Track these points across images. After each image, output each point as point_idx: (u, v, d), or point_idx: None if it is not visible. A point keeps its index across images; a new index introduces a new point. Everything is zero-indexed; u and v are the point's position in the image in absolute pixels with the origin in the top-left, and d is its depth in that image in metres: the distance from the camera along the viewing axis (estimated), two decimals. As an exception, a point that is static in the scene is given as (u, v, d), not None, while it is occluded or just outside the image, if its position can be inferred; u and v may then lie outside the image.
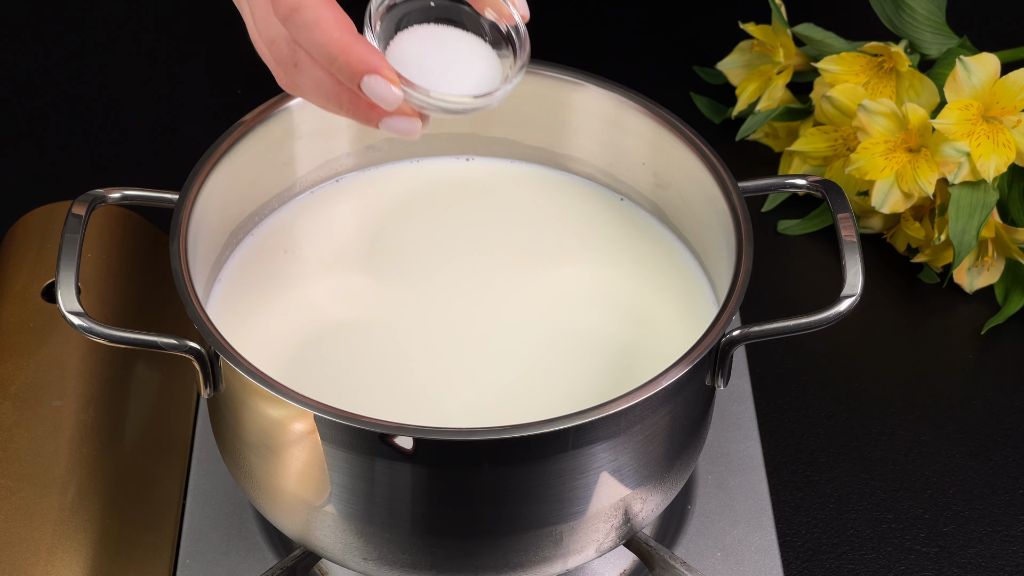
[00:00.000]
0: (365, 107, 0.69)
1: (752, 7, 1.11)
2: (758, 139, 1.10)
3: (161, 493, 0.86)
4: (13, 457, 0.84)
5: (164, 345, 0.73)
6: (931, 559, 0.87)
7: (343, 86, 0.69)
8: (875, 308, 1.00)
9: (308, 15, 0.67)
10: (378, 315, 0.81)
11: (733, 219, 0.77)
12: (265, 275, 0.83)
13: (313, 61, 0.69)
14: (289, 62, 0.69)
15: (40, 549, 0.81)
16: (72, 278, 0.74)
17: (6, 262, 0.94)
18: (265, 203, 0.85)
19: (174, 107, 1.13)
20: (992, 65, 0.96)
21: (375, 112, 0.69)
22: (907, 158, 0.98)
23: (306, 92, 0.70)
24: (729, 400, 0.92)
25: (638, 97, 0.83)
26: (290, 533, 0.77)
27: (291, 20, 0.67)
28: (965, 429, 0.94)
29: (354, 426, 0.69)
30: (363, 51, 0.67)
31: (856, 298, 0.74)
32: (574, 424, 0.69)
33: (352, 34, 0.67)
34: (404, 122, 0.69)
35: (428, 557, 0.74)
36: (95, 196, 0.77)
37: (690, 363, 0.71)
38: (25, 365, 0.88)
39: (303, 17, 0.67)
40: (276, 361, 0.78)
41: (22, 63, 1.16)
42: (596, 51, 1.18)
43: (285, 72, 0.70)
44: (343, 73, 0.67)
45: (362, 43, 0.67)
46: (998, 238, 0.98)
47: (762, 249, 1.03)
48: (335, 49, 0.67)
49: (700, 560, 0.84)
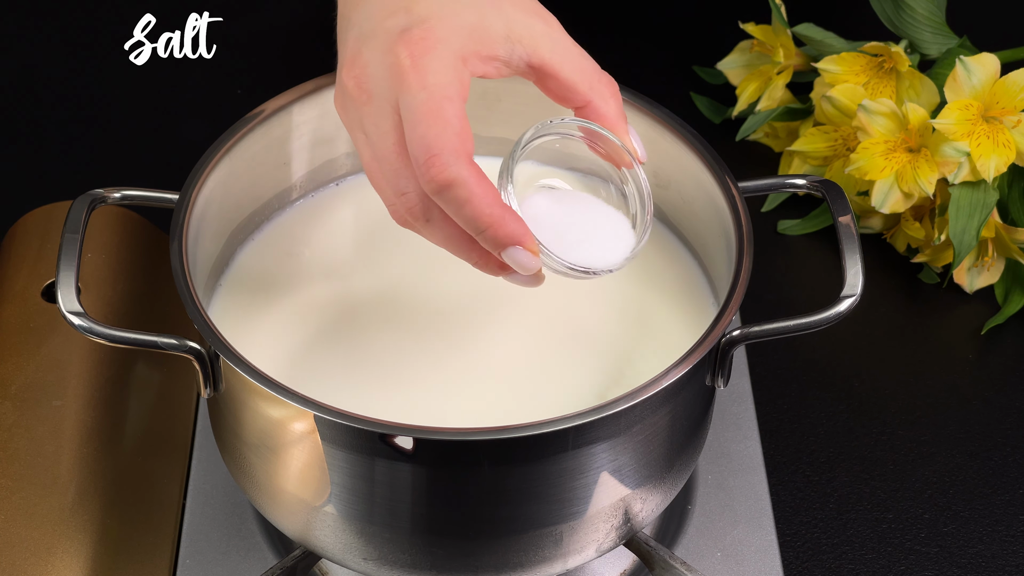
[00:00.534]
0: (495, 263, 0.70)
1: (752, 7, 1.11)
2: (758, 139, 1.10)
3: (161, 493, 0.86)
4: (13, 457, 0.84)
5: (164, 345, 0.73)
6: (931, 559, 0.87)
7: (474, 242, 0.69)
8: (875, 308, 1.00)
9: (461, 193, 0.67)
10: (378, 315, 0.81)
11: (733, 219, 0.77)
12: (265, 276, 0.83)
13: (446, 219, 0.69)
14: (420, 216, 0.69)
15: (40, 549, 0.81)
16: (72, 278, 0.74)
17: (6, 262, 0.94)
18: (265, 203, 0.85)
19: (174, 107, 1.13)
20: (992, 65, 0.96)
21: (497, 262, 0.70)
22: (907, 158, 0.98)
23: (431, 238, 0.71)
24: (729, 400, 0.92)
25: (638, 97, 0.83)
26: (290, 533, 0.77)
27: (442, 195, 0.67)
28: (965, 429, 0.94)
29: (354, 426, 0.69)
30: (511, 227, 0.68)
31: (856, 298, 0.74)
32: (574, 424, 0.69)
33: (501, 207, 0.67)
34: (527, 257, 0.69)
35: (428, 557, 0.74)
36: (95, 196, 0.77)
37: (690, 363, 0.71)
38: (25, 365, 0.88)
39: (455, 194, 0.67)
40: (276, 361, 0.78)
41: (22, 63, 1.16)
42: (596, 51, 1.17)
43: (412, 220, 0.70)
44: (488, 243, 0.68)
45: (510, 218, 0.68)
46: (998, 238, 0.98)
47: (762, 249, 1.03)
48: (484, 224, 0.67)
49: (700, 560, 0.84)
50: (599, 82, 0.73)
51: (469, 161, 0.67)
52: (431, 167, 0.66)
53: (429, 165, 0.66)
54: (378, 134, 0.69)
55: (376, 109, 0.69)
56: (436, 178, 0.66)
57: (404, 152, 0.68)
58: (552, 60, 0.72)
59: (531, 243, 0.68)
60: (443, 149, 0.66)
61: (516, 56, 0.71)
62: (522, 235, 0.68)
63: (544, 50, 0.72)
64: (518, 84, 0.85)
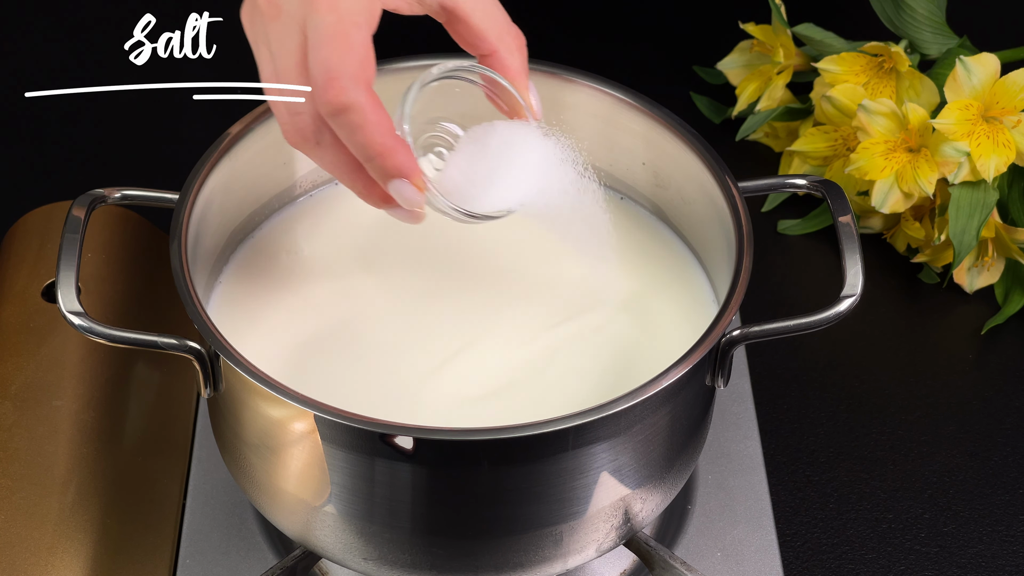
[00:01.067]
0: (379, 195, 0.71)
1: (752, 7, 1.11)
2: (758, 139, 1.10)
3: (161, 493, 0.86)
4: (13, 457, 0.84)
5: (164, 345, 0.73)
6: (931, 559, 0.87)
7: (362, 170, 0.70)
8: (875, 308, 1.00)
9: (355, 118, 0.67)
10: (378, 315, 0.81)
11: (733, 219, 0.77)
12: (265, 275, 0.82)
13: (337, 144, 0.69)
14: (311, 138, 0.70)
15: (40, 549, 0.81)
16: (72, 278, 0.74)
17: (6, 262, 0.94)
18: (265, 203, 0.85)
19: (174, 107, 1.13)
20: (992, 65, 0.96)
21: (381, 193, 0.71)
22: (907, 158, 0.98)
23: (319, 161, 0.71)
24: (729, 400, 0.92)
25: (638, 97, 0.83)
26: (290, 533, 0.77)
27: (336, 118, 0.68)
28: (965, 429, 0.94)
29: (354, 426, 0.69)
30: (400, 158, 0.68)
31: (856, 298, 0.74)
32: (574, 424, 0.69)
33: (393, 138, 0.68)
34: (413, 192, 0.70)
35: (428, 557, 0.74)
36: (95, 196, 0.78)
37: (690, 363, 0.71)
38: (25, 365, 0.88)
39: (349, 119, 0.67)
40: (276, 361, 0.78)
41: (22, 63, 1.16)
42: (596, 51, 1.18)
43: (303, 142, 0.71)
44: (376, 172, 0.69)
45: (400, 149, 0.68)
46: (998, 238, 0.98)
47: (762, 249, 1.03)
48: (374, 152, 0.68)
49: (700, 560, 0.84)
50: (508, 34, 0.73)
51: (367, 88, 0.67)
52: (329, 89, 0.67)
53: (327, 87, 0.67)
54: (282, 51, 0.70)
55: (283, 26, 0.69)
56: (333, 101, 0.67)
57: (304, 73, 0.69)
58: (465, 4, 0.72)
59: (418, 178, 0.69)
60: (343, 73, 0.67)
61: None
62: (410, 169, 0.69)
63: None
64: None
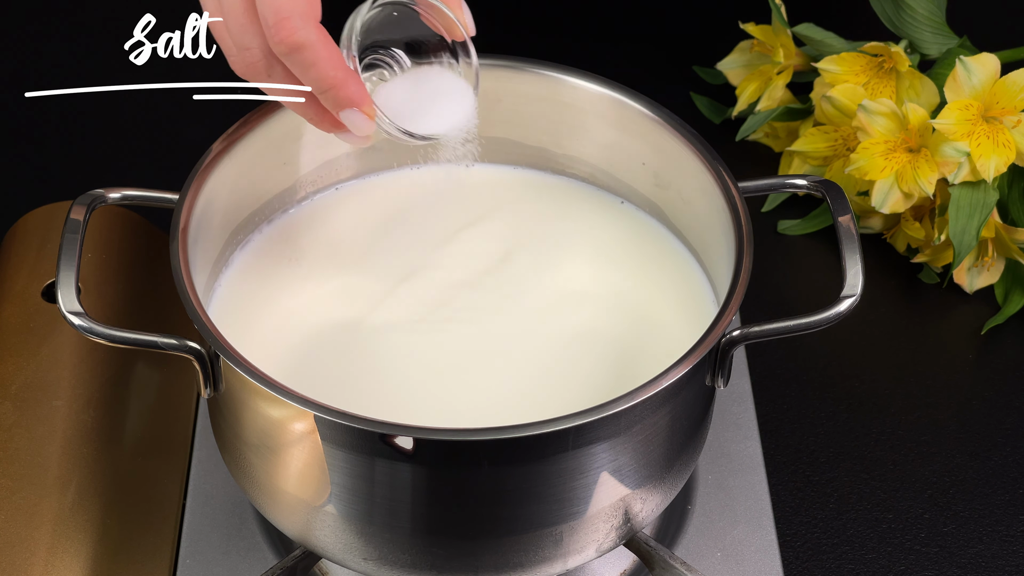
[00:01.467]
0: (329, 121, 0.73)
1: (752, 7, 1.11)
2: (758, 139, 1.10)
3: (161, 493, 0.86)
4: (13, 457, 0.84)
5: (164, 345, 0.73)
6: (931, 559, 0.87)
7: (313, 101, 0.72)
8: (875, 308, 1.00)
9: (308, 55, 0.70)
10: (378, 316, 0.81)
11: (733, 219, 0.77)
12: (265, 276, 0.83)
13: (288, 75, 0.72)
14: (263, 71, 0.72)
15: (40, 549, 0.81)
16: (72, 278, 0.74)
17: (6, 262, 0.94)
18: (266, 203, 0.85)
19: (174, 107, 1.13)
20: (992, 65, 0.96)
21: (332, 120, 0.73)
22: (907, 158, 0.98)
23: (269, 92, 0.73)
24: (729, 400, 0.92)
25: (638, 97, 0.83)
26: (290, 533, 0.77)
27: (290, 56, 0.70)
28: (965, 429, 0.94)
29: (354, 426, 0.69)
30: (351, 89, 0.71)
31: (856, 298, 0.74)
32: (574, 424, 0.69)
33: (344, 70, 0.71)
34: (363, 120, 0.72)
35: (428, 557, 0.74)
36: (95, 196, 0.78)
37: (690, 363, 0.71)
38: (25, 365, 0.88)
39: (303, 56, 0.70)
40: (276, 361, 0.78)
41: (22, 63, 1.16)
42: (596, 51, 1.18)
43: (253, 76, 0.73)
44: (329, 102, 0.72)
45: (352, 81, 0.71)
46: (998, 238, 0.98)
47: (762, 249, 1.03)
48: (327, 84, 0.71)
49: (700, 560, 0.84)
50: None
51: (316, 24, 0.70)
52: (281, 29, 0.69)
53: (279, 27, 0.69)
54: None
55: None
56: (286, 40, 0.69)
57: (251, 9, 0.71)
58: None
59: (368, 107, 0.72)
60: (293, 12, 0.69)
61: None
62: (361, 98, 0.72)
63: None
64: (518, 84, 0.85)
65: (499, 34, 1.19)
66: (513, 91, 0.85)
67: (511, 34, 1.19)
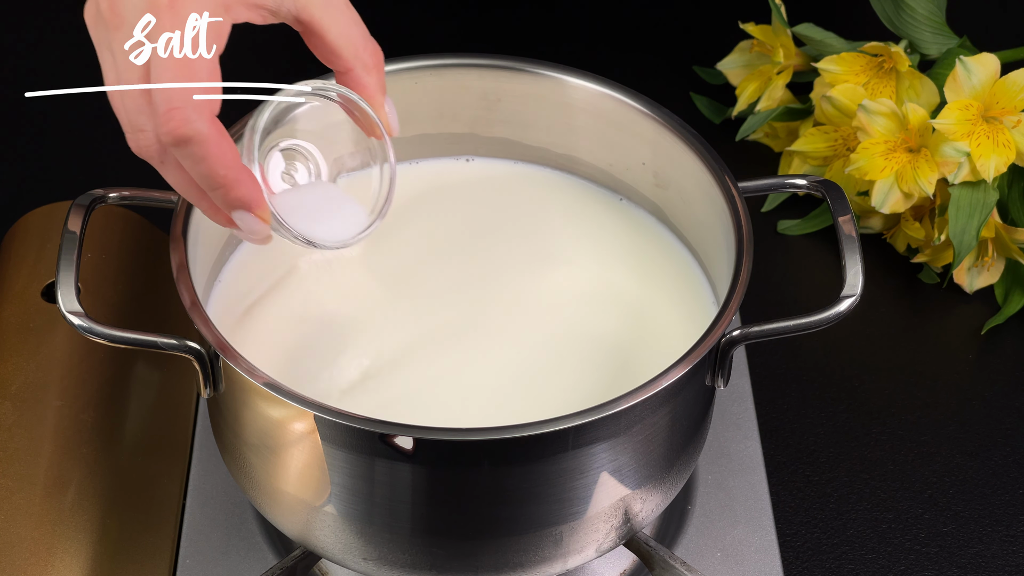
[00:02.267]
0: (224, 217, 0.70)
1: (752, 7, 1.11)
2: (758, 139, 1.10)
3: (161, 493, 0.86)
4: (13, 457, 0.84)
5: (164, 345, 0.73)
6: (931, 559, 0.87)
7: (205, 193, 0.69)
8: (875, 308, 1.00)
9: (196, 150, 0.66)
10: (378, 315, 0.81)
11: (733, 219, 0.77)
12: (265, 275, 0.82)
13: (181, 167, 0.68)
14: (155, 156, 0.68)
15: (40, 549, 0.81)
16: (72, 278, 0.74)
17: (6, 262, 0.94)
18: (265, 203, 0.85)
19: (174, 107, 1.13)
20: (992, 65, 0.96)
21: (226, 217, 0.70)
22: (907, 158, 0.98)
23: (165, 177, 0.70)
24: (729, 400, 0.92)
25: (638, 97, 0.83)
26: (290, 533, 0.77)
27: (178, 148, 0.66)
28: (965, 429, 0.94)
29: (354, 426, 0.69)
30: (243, 190, 0.67)
31: (856, 298, 0.74)
32: (574, 424, 0.69)
33: (236, 170, 0.67)
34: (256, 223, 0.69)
35: (428, 557, 0.74)
36: (95, 196, 0.78)
37: (690, 363, 0.71)
38: (25, 365, 0.88)
39: (191, 150, 0.66)
40: (276, 361, 0.78)
41: (22, 63, 1.16)
42: (596, 52, 1.18)
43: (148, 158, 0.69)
44: (219, 201, 0.68)
45: (245, 181, 0.67)
46: (998, 238, 0.98)
47: (762, 249, 1.03)
48: (217, 183, 0.67)
49: (700, 560, 0.84)
50: (364, 51, 0.72)
51: (210, 118, 0.66)
52: (171, 120, 0.65)
53: (169, 117, 0.65)
54: (125, 65, 0.67)
55: (125, 37, 0.67)
56: (174, 132, 0.65)
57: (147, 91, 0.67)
58: (322, 19, 0.70)
59: (262, 210, 0.68)
60: (185, 103, 0.65)
61: (284, 7, 0.70)
62: (254, 201, 0.68)
63: (315, 7, 0.70)
64: (518, 84, 0.85)
65: (499, 35, 1.20)
66: (513, 91, 0.85)
67: (511, 35, 1.19)
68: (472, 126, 0.87)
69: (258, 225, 0.69)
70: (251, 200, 0.68)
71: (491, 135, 0.87)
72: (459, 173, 0.88)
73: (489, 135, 0.87)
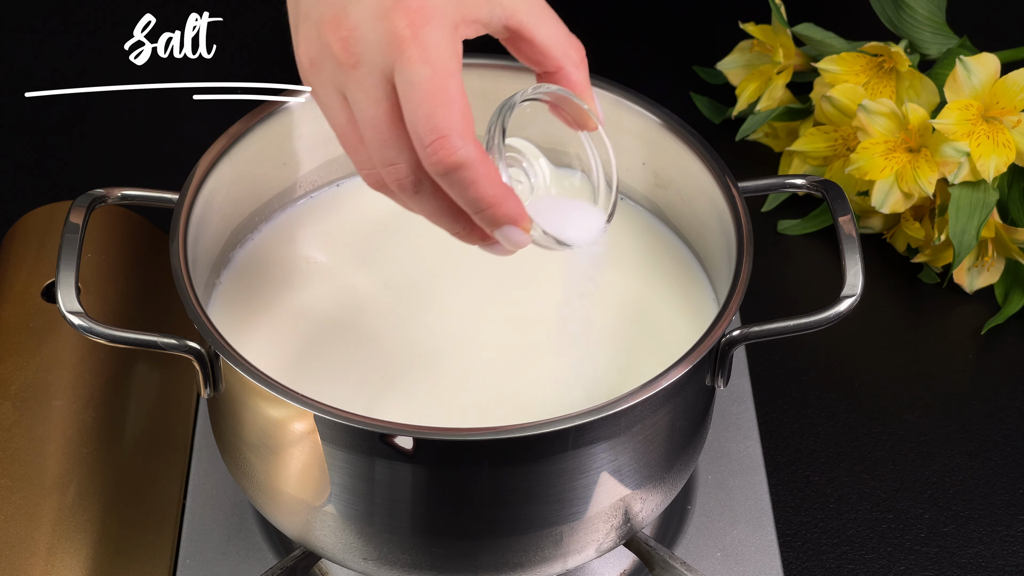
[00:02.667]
0: (478, 235, 0.70)
1: (752, 7, 1.11)
2: (758, 139, 1.10)
3: (161, 493, 0.86)
4: (13, 457, 0.84)
5: (164, 345, 0.73)
6: (931, 559, 0.87)
7: (463, 216, 0.69)
8: (875, 308, 1.00)
9: (467, 175, 0.66)
10: (379, 315, 0.81)
11: (733, 219, 0.77)
12: (265, 275, 0.82)
13: (437, 193, 0.68)
14: (410, 188, 0.68)
15: (40, 549, 0.81)
16: (72, 278, 0.74)
17: (6, 262, 0.94)
18: (266, 203, 0.85)
19: (174, 107, 1.13)
20: (992, 65, 0.96)
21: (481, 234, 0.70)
22: (907, 158, 0.98)
23: (413, 207, 0.70)
24: (729, 400, 0.92)
25: (638, 97, 0.83)
26: (290, 533, 0.77)
27: (448, 176, 0.66)
28: (965, 429, 0.94)
29: (354, 426, 0.69)
30: (510, 206, 0.67)
31: (856, 298, 0.74)
32: (574, 424, 0.69)
33: (502, 188, 0.67)
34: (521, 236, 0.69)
35: (428, 557, 0.74)
36: (95, 196, 0.78)
37: (690, 363, 0.71)
38: (25, 365, 0.88)
39: (461, 176, 0.66)
40: (276, 361, 0.78)
41: (22, 63, 1.16)
42: (596, 51, 1.18)
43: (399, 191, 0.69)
44: (485, 221, 0.68)
45: (510, 199, 0.67)
46: (998, 238, 0.98)
47: (762, 249, 1.03)
48: (485, 204, 0.67)
49: (700, 560, 0.84)
50: (571, 48, 0.72)
51: (475, 141, 0.66)
52: (440, 149, 0.65)
53: (438, 147, 0.65)
54: (368, 101, 0.67)
55: (366, 75, 0.67)
56: (444, 160, 0.65)
57: (397, 123, 0.67)
58: (529, 23, 0.71)
59: (526, 222, 0.68)
60: (451, 130, 0.65)
61: (495, 18, 0.70)
62: (519, 215, 0.68)
63: (522, 13, 0.70)
64: (518, 84, 0.85)
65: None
66: (513, 91, 0.85)
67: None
68: (472, 126, 0.87)
69: (521, 237, 0.69)
70: (517, 215, 0.68)
71: (491, 135, 0.87)
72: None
73: (489, 135, 0.87)
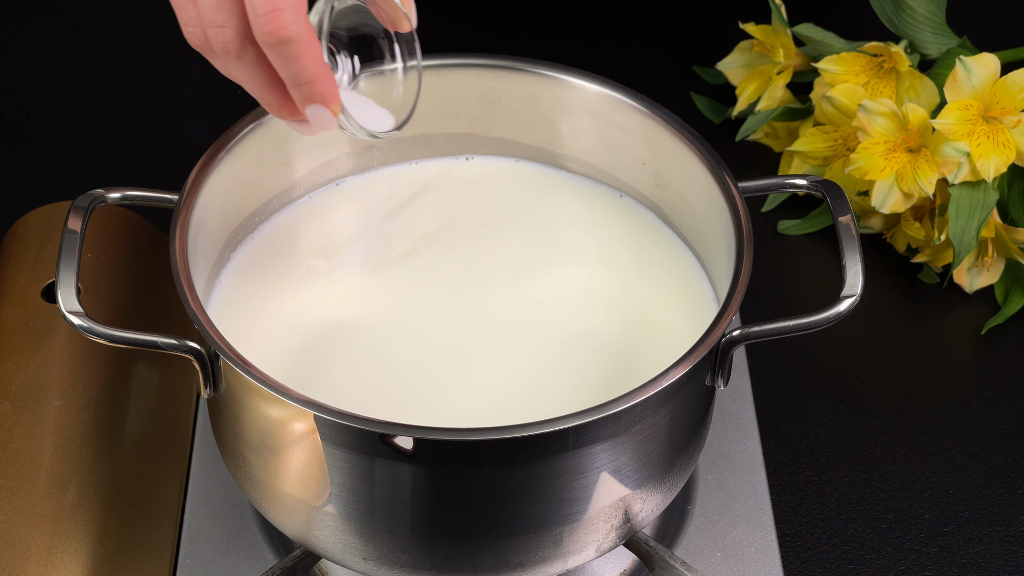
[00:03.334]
0: (289, 110, 0.72)
1: (752, 7, 1.11)
2: (758, 139, 1.10)
3: (161, 493, 0.86)
4: (13, 457, 0.84)
5: (164, 345, 0.73)
6: (931, 559, 0.87)
7: (278, 88, 0.71)
8: (875, 308, 1.00)
9: (294, 50, 0.68)
10: (379, 315, 0.81)
11: (733, 219, 0.77)
12: (265, 276, 0.83)
13: (260, 61, 0.70)
14: (233, 52, 0.70)
15: (40, 549, 0.81)
16: (72, 278, 0.74)
17: (6, 262, 0.94)
18: (265, 203, 0.85)
19: (174, 107, 1.13)
20: (992, 65, 0.96)
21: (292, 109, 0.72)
22: (907, 158, 0.98)
23: (232, 73, 0.71)
24: (729, 400, 0.92)
25: (638, 97, 0.83)
26: (290, 533, 0.77)
27: (276, 48, 0.68)
28: (965, 429, 0.94)
29: (354, 426, 0.69)
30: (326, 86, 0.70)
31: (856, 298, 0.74)
32: (574, 424, 0.69)
33: (323, 66, 0.70)
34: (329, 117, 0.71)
35: (428, 557, 0.74)
36: (95, 196, 0.78)
37: (690, 363, 0.71)
38: (25, 365, 0.88)
39: (288, 50, 0.68)
40: (276, 361, 0.78)
41: (22, 63, 1.16)
42: (596, 51, 1.18)
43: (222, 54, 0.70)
44: (299, 95, 0.70)
45: (329, 79, 0.70)
46: (998, 238, 0.98)
47: (762, 249, 1.03)
48: (305, 79, 0.69)
49: (700, 560, 0.84)
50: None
51: (306, 18, 0.68)
52: (273, 20, 0.67)
53: (272, 19, 0.67)
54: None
55: None
56: (276, 32, 0.67)
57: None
58: None
59: (336, 105, 0.71)
60: (287, 5, 0.67)
61: None
62: (332, 97, 0.70)
63: None
64: (518, 84, 0.85)
65: (499, 34, 1.20)
66: (513, 91, 0.85)
67: (511, 34, 1.19)
68: (472, 126, 0.87)
69: (331, 120, 0.71)
70: (330, 95, 0.70)
71: (491, 135, 0.87)
72: (459, 172, 0.88)
73: (489, 135, 0.87)
